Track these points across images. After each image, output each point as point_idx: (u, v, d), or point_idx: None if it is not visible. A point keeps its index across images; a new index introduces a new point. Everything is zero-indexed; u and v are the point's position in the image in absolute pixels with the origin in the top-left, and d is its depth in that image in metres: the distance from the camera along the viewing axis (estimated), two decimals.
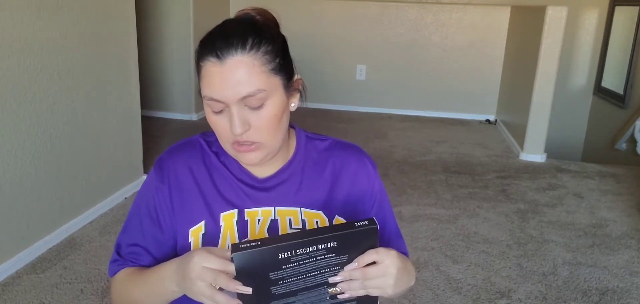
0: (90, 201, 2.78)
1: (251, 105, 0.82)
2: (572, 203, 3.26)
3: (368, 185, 0.98)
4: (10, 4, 2.14)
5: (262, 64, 0.81)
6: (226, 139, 0.85)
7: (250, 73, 0.80)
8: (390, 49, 5.29)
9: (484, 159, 4.07)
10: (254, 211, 0.92)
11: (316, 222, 0.93)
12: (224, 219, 0.90)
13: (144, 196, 0.95)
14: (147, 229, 0.94)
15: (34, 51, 2.29)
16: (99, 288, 2.21)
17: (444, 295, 2.24)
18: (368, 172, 0.99)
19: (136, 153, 3.19)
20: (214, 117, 0.84)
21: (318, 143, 0.99)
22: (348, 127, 4.84)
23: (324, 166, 0.97)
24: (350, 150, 1.00)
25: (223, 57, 0.79)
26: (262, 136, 0.84)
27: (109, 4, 2.79)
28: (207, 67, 0.81)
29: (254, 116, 0.83)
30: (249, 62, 0.80)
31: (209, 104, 0.83)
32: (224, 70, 0.79)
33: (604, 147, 4.58)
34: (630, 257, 2.61)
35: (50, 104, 2.43)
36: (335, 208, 0.95)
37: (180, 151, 0.95)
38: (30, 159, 2.34)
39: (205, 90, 0.82)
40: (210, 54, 0.80)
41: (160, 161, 0.95)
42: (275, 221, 0.91)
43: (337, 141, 1.01)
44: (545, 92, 3.95)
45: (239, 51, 0.79)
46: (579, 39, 4.91)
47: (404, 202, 3.17)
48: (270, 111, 0.83)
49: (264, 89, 0.81)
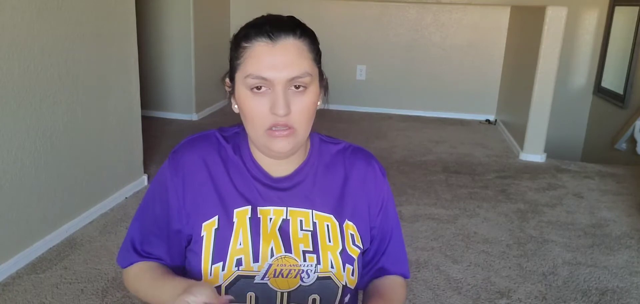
0: (91, 201, 2.78)
1: (296, 88, 0.84)
2: (572, 203, 3.26)
3: (375, 191, 0.99)
4: (10, 4, 2.14)
5: (309, 50, 0.86)
6: (261, 122, 0.85)
7: (300, 56, 0.84)
8: (390, 49, 5.29)
9: (484, 159, 4.08)
10: (266, 210, 0.92)
11: (327, 225, 0.93)
12: (237, 216, 0.91)
13: (157, 185, 0.96)
14: (160, 218, 0.94)
15: (34, 51, 2.30)
16: (99, 287, 2.21)
17: (444, 295, 2.24)
18: (376, 177, 1.00)
19: (136, 153, 3.19)
20: (251, 99, 0.85)
21: (331, 147, 1.00)
22: (348, 127, 4.84)
23: (336, 170, 0.98)
24: (361, 155, 1.01)
25: (275, 38, 0.82)
26: (299, 122, 0.86)
27: (109, 4, 2.79)
28: (256, 47, 0.83)
29: (296, 99, 0.85)
30: (300, 46, 0.84)
31: (253, 82, 0.83)
32: (275, 50, 0.82)
33: (604, 147, 4.58)
34: (630, 257, 2.61)
35: (50, 104, 2.43)
36: (345, 213, 0.95)
37: (195, 144, 0.95)
38: (31, 159, 2.34)
39: (252, 68, 0.83)
40: (261, 35, 0.83)
41: (175, 153, 0.95)
42: (286, 221, 0.92)
43: (349, 145, 1.02)
44: (545, 92, 3.95)
45: (291, 35, 0.84)
46: (579, 39, 4.91)
47: (404, 203, 3.17)
48: (310, 98, 0.86)
49: (310, 73, 0.85)
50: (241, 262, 0.88)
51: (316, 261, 0.90)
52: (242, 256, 0.88)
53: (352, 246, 0.94)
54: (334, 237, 0.92)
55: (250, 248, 0.88)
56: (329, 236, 0.92)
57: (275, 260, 0.88)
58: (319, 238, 0.91)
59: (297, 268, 0.89)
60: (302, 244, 0.90)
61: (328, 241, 0.92)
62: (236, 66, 0.86)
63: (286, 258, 0.89)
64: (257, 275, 0.88)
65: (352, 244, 0.94)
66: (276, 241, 0.90)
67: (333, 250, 0.91)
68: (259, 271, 0.88)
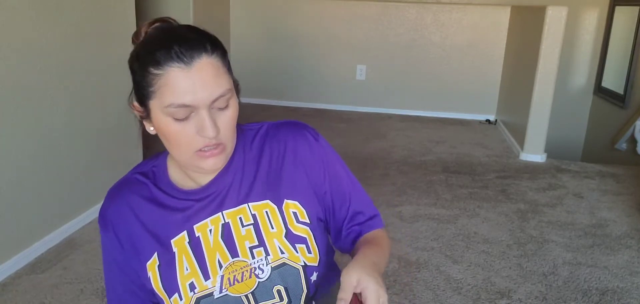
0: (90, 201, 2.78)
1: (220, 106, 0.81)
2: (572, 203, 3.26)
3: (311, 157, 0.94)
4: (10, 4, 2.14)
5: (223, 64, 0.82)
6: (189, 148, 0.83)
7: (216, 75, 0.80)
8: (390, 49, 5.29)
9: (484, 159, 4.07)
10: (203, 224, 0.90)
11: (266, 212, 0.90)
12: (175, 245, 0.89)
13: (105, 260, 0.96)
14: (123, 291, 0.95)
15: (34, 51, 2.29)
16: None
17: (444, 295, 2.24)
18: (308, 142, 0.95)
19: (136, 153, 3.19)
20: (176, 127, 0.81)
21: (253, 133, 0.97)
22: (348, 127, 4.84)
23: (262, 153, 0.94)
24: (285, 128, 0.96)
25: (189, 61, 0.78)
26: (227, 137, 0.84)
27: (109, 4, 2.79)
28: (170, 73, 0.78)
29: (221, 117, 0.82)
30: (214, 63, 0.80)
31: (174, 112, 0.79)
32: (191, 73, 0.78)
33: (604, 147, 4.58)
34: (630, 257, 2.61)
35: (50, 104, 2.43)
36: (282, 193, 0.92)
37: (117, 195, 0.94)
38: (30, 159, 2.34)
39: (171, 97, 0.78)
40: (172, 59, 0.77)
41: (101, 213, 0.94)
42: (226, 225, 0.90)
43: (271, 123, 0.98)
44: (545, 92, 3.95)
45: (203, 53, 0.79)
46: (579, 39, 4.91)
47: (404, 202, 3.17)
48: (233, 111, 0.84)
49: (230, 88, 0.82)
50: (194, 285, 0.87)
51: (264, 253, 0.88)
52: (193, 279, 0.87)
53: (297, 225, 0.91)
54: (275, 222, 0.90)
55: (197, 269, 0.87)
56: (270, 223, 0.90)
57: (225, 270, 0.87)
58: (261, 228, 0.89)
59: (249, 268, 0.87)
60: (248, 240, 0.89)
61: (271, 228, 0.89)
62: (149, 93, 0.81)
63: (235, 263, 0.88)
64: (214, 291, 0.87)
65: (296, 222, 0.91)
66: (221, 251, 0.88)
67: (278, 236, 0.89)
68: (214, 287, 0.87)
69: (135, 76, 0.84)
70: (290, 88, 5.42)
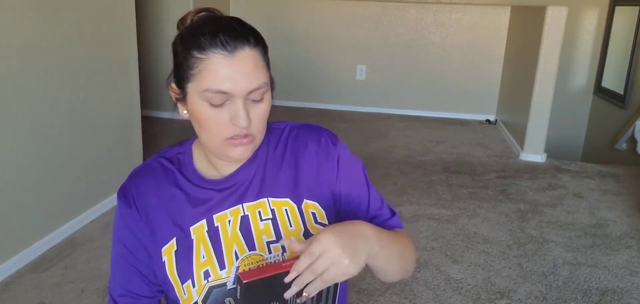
0: (91, 201, 2.79)
1: (255, 98, 0.83)
2: (572, 203, 3.26)
3: (327, 160, 0.96)
4: (10, 4, 2.14)
5: (263, 59, 0.84)
6: (220, 134, 0.84)
7: (256, 67, 0.82)
8: (390, 49, 5.29)
9: (484, 159, 4.08)
10: (222, 215, 0.91)
11: (285, 210, 0.92)
12: (194, 233, 0.90)
13: (117, 234, 0.95)
14: (132, 266, 0.94)
15: (34, 51, 2.30)
16: (100, 286, 2.21)
17: (444, 295, 2.24)
18: (326, 146, 0.97)
19: (136, 153, 3.19)
20: (210, 112, 0.83)
21: (278, 131, 0.98)
22: (348, 127, 4.84)
23: (285, 152, 0.96)
24: (307, 130, 0.98)
25: (232, 50, 0.80)
26: (258, 129, 0.86)
27: (109, 5, 2.79)
28: (212, 59, 0.80)
29: (255, 109, 0.84)
30: (256, 56, 0.82)
31: (211, 97, 0.81)
32: (233, 62, 0.80)
33: (604, 147, 4.59)
34: (630, 257, 2.61)
35: (50, 104, 2.43)
36: (302, 193, 0.93)
37: (141, 175, 0.94)
38: (31, 159, 2.34)
39: (210, 82, 0.80)
40: (216, 46, 0.80)
41: (122, 189, 0.94)
42: (245, 217, 0.91)
43: (294, 124, 1.00)
44: (545, 92, 3.95)
45: (246, 45, 0.81)
46: (579, 39, 4.91)
47: (404, 202, 3.17)
48: (267, 106, 0.86)
49: (267, 83, 0.84)
50: (209, 273, 0.87)
51: (281, 249, 0.89)
52: (208, 267, 0.88)
53: (315, 225, 0.92)
54: (294, 220, 0.91)
55: (214, 258, 0.88)
56: (289, 220, 0.91)
57: (241, 262, 0.88)
58: (279, 224, 0.90)
59: (264, 262, 0.88)
60: (265, 235, 0.90)
61: (289, 226, 0.91)
62: (188, 76, 0.82)
63: (251, 256, 0.89)
64: (228, 281, 0.87)
65: (315, 222, 0.92)
66: (238, 242, 0.89)
67: (296, 234, 0.90)
68: (229, 277, 0.87)
69: (177, 57, 0.85)
70: (290, 88, 5.42)
